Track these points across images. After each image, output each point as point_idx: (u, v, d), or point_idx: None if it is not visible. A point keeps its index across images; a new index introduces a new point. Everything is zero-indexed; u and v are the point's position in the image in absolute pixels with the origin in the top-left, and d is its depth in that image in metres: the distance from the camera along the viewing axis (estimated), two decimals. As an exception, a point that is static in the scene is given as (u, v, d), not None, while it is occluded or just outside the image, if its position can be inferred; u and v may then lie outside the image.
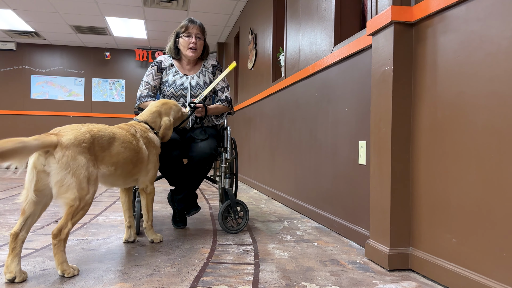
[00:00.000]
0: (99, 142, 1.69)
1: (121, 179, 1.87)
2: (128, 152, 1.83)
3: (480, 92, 1.40)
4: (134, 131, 1.94)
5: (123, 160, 1.81)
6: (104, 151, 1.72)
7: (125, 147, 1.82)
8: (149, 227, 2.11)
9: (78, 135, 1.60)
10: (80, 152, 1.58)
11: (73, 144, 1.56)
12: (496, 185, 1.32)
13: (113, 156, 1.76)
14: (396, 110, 1.75)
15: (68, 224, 1.54)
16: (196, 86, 2.45)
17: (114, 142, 1.77)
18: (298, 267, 1.74)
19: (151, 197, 2.08)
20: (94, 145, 1.66)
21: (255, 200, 3.77)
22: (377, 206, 1.85)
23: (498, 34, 1.33)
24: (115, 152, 1.77)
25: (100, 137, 1.70)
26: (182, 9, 5.71)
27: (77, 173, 1.55)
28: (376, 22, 1.84)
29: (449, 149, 1.53)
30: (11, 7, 5.73)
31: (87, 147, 1.61)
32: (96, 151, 1.67)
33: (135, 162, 1.88)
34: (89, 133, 1.65)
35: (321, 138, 2.75)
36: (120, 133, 1.83)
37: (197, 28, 2.44)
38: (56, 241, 1.53)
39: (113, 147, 1.76)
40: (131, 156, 1.85)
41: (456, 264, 1.49)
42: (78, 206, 1.56)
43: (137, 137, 1.93)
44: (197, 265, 1.74)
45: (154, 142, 2.05)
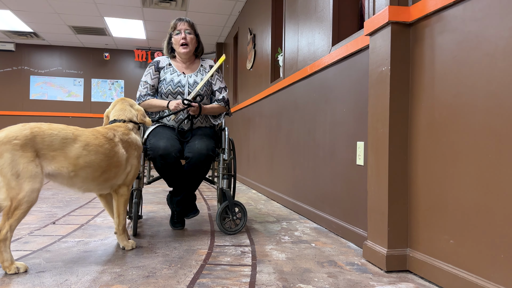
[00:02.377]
0: (44, 140, 1.64)
1: (91, 184, 1.81)
2: (93, 155, 1.76)
3: (477, 93, 1.39)
4: (112, 135, 1.89)
5: (85, 163, 1.74)
6: (55, 150, 1.67)
7: (90, 150, 1.76)
8: (120, 232, 1.99)
9: (11, 132, 1.58)
10: (9, 150, 1.55)
11: (1, 142, 1.55)
12: (493, 186, 1.32)
13: (69, 158, 1.70)
14: (393, 110, 1.74)
15: (5, 225, 1.54)
16: (193, 84, 2.46)
17: (73, 144, 1.72)
18: (295, 269, 1.73)
19: (123, 200, 1.97)
20: (36, 143, 1.62)
21: (254, 201, 3.77)
22: (375, 207, 1.84)
23: (495, 34, 1.32)
24: (73, 154, 1.71)
25: (48, 135, 1.65)
26: (181, 10, 5.71)
27: (3, 171, 1.53)
28: (374, 22, 1.83)
29: (447, 150, 1.53)
30: (9, 8, 5.73)
31: (20, 144, 1.57)
32: (40, 149, 1.63)
33: (105, 166, 1.81)
34: (29, 130, 1.62)
35: (319, 138, 2.74)
36: (86, 136, 1.78)
37: (185, 24, 2.47)
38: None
39: (71, 148, 1.71)
40: (98, 160, 1.78)
41: (454, 265, 1.48)
42: (10, 206, 1.54)
43: (115, 141, 1.88)
44: (194, 266, 1.74)
45: (136, 143, 2.00)
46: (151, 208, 3.27)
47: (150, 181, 2.56)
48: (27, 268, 1.64)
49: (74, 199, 3.68)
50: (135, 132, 2.04)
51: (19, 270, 1.61)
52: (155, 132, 2.36)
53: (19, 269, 1.61)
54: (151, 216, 2.91)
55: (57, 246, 2.03)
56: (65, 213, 2.96)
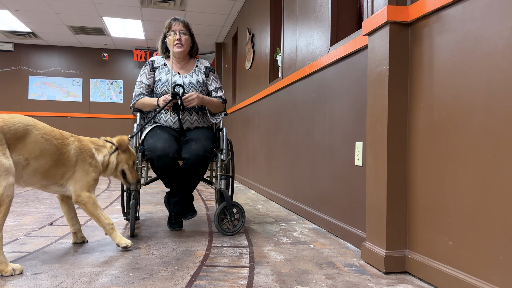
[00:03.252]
0: (10, 129, 1.63)
1: (38, 177, 1.77)
2: (48, 145, 1.76)
3: (476, 93, 1.38)
4: (69, 135, 1.91)
5: (40, 151, 1.72)
6: (18, 138, 1.66)
7: (46, 139, 1.75)
8: (109, 231, 1.95)
9: None
10: None
11: None
12: (492, 187, 1.31)
13: (28, 144, 1.69)
14: (392, 111, 1.73)
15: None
16: (189, 85, 2.45)
17: (34, 130, 1.72)
18: (293, 270, 1.72)
19: (90, 206, 1.89)
20: (4, 133, 1.61)
21: (252, 201, 3.75)
22: (373, 208, 1.83)
23: (494, 34, 1.31)
24: (32, 140, 1.70)
25: (13, 123, 1.65)
26: (180, 9, 5.69)
27: None
28: (372, 22, 1.82)
29: (446, 151, 1.51)
30: (8, 8, 5.71)
31: None
32: (8, 138, 1.62)
33: (55, 160, 1.79)
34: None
35: (318, 138, 2.73)
36: (44, 125, 1.79)
37: (180, 24, 2.46)
38: None
39: (31, 135, 1.70)
40: (51, 150, 1.77)
41: (453, 267, 1.47)
42: None
43: (69, 140, 1.88)
44: (191, 268, 1.72)
45: (94, 156, 1.98)
46: (149, 209, 3.26)
47: (148, 181, 2.55)
48: (23, 269, 1.63)
49: (72, 200, 3.67)
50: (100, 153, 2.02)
51: (15, 272, 1.59)
52: (152, 133, 2.34)
53: (15, 271, 1.60)
54: (149, 217, 2.90)
55: (54, 248, 2.02)
56: (62, 214, 2.94)
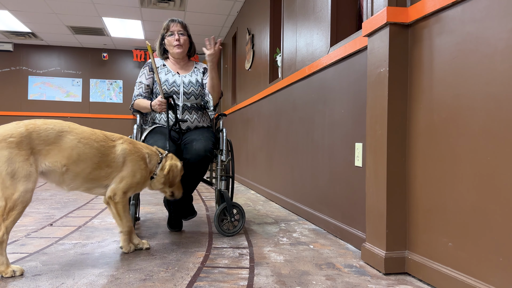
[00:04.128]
0: (40, 134, 1.62)
1: (81, 180, 1.76)
2: (86, 148, 1.73)
3: (476, 95, 1.38)
4: (117, 137, 1.88)
5: (77, 155, 1.70)
6: (50, 144, 1.64)
7: (84, 143, 1.72)
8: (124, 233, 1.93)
9: (6, 130, 1.56)
10: (4, 148, 1.53)
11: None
12: (492, 189, 1.31)
13: (64, 150, 1.67)
14: (392, 112, 1.73)
15: (1, 227, 1.53)
16: (188, 84, 2.46)
17: (68, 136, 1.69)
18: (293, 271, 1.72)
19: (121, 206, 1.87)
20: (32, 139, 1.60)
21: (252, 202, 3.75)
22: (373, 209, 1.83)
23: (494, 35, 1.31)
24: (68, 145, 1.68)
25: (44, 130, 1.63)
26: (179, 10, 5.69)
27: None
28: (372, 23, 1.82)
29: (446, 152, 1.52)
30: (7, 8, 5.71)
31: (15, 141, 1.55)
32: (37, 145, 1.61)
33: (97, 162, 1.77)
34: (24, 127, 1.60)
35: (318, 139, 2.73)
36: (82, 129, 1.77)
37: (178, 25, 2.47)
38: None
39: (66, 140, 1.68)
40: (90, 154, 1.74)
41: (453, 268, 1.47)
42: (5, 207, 1.52)
43: (116, 143, 1.85)
44: (191, 269, 1.73)
45: (146, 160, 1.95)
46: (149, 209, 3.26)
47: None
48: (23, 271, 1.63)
49: (72, 200, 3.67)
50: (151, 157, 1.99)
51: (15, 274, 1.59)
52: (152, 134, 2.35)
53: (15, 272, 1.60)
54: (148, 217, 2.90)
55: (54, 249, 2.02)
56: (62, 215, 2.95)
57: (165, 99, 2.24)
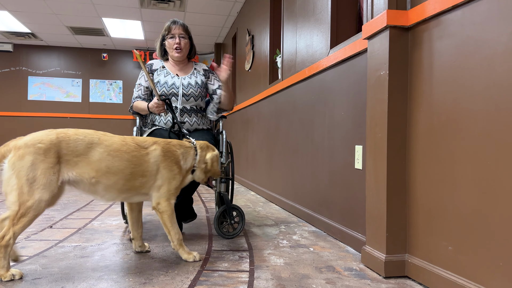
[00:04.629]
0: (69, 145, 1.60)
1: (115, 192, 1.72)
2: (116, 161, 1.68)
3: (476, 98, 1.38)
4: (150, 143, 1.80)
5: (106, 168, 1.66)
6: (79, 156, 1.62)
7: (113, 156, 1.68)
8: (177, 247, 1.87)
9: (37, 136, 1.57)
10: (31, 153, 1.52)
11: (26, 144, 1.53)
12: (492, 193, 1.31)
13: (92, 163, 1.64)
14: (392, 115, 1.73)
15: (9, 231, 1.52)
16: (188, 86, 2.46)
17: (97, 148, 1.66)
18: (293, 275, 1.72)
19: (167, 216, 1.82)
20: (61, 148, 1.59)
21: (252, 203, 3.75)
22: (373, 212, 1.83)
23: (494, 39, 1.31)
24: (96, 158, 1.65)
25: (74, 141, 1.62)
26: (179, 10, 5.69)
27: (20, 174, 1.50)
28: (372, 26, 1.82)
29: (446, 155, 1.51)
30: (7, 9, 5.70)
31: (43, 148, 1.54)
32: (64, 155, 1.60)
33: (130, 174, 1.72)
34: (55, 135, 1.60)
35: (318, 141, 2.73)
36: (112, 140, 1.71)
37: (179, 28, 2.45)
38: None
39: (94, 153, 1.65)
40: (121, 166, 1.69)
41: (453, 272, 1.47)
42: (17, 212, 1.51)
43: (148, 150, 1.78)
44: (191, 272, 1.72)
45: (177, 158, 1.87)
46: (149, 211, 3.25)
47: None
48: (23, 274, 1.63)
49: (72, 202, 3.67)
50: (185, 156, 1.92)
51: (15, 277, 1.59)
52: (152, 136, 2.34)
53: (15, 276, 1.59)
54: (148, 219, 2.90)
55: (53, 251, 2.02)
56: (62, 216, 2.94)
57: (161, 100, 2.23)
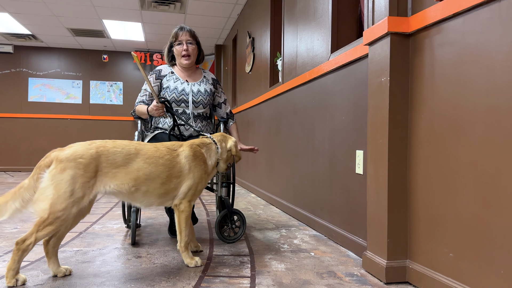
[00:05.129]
0: (108, 158, 1.66)
1: (153, 197, 1.79)
2: (152, 167, 1.75)
3: (477, 106, 1.38)
4: (178, 145, 1.88)
5: (145, 176, 1.73)
6: (117, 167, 1.68)
7: (149, 163, 1.75)
8: (183, 249, 1.90)
9: (78, 150, 1.61)
10: (72, 167, 1.57)
11: (67, 158, 1.58)
12: (493, 200, 1.31)
13: (131, 173, 1.71)
14: (392, 121, 1.74)
15: (32, 237, 1.54)
16: (197, 93, 2.46)
17: (136, 158, 1.73)
18: (294, 280, 1.73)
19: (184, 216, 1.87)
20: (100, 162, 1.64)
21: (253, 206, 3.76)
22: (374, 218, 1.83)
23: (495, 48, 1.31)
24: (135, 168, 1.72)
25: (113, 154, 1.68)
26: (180, 12, 5.69)
27: (59, 186, 1.54)
28: (373, 32, 1.83)
29: (447, 162, 1.52)
30: (8, 11, 5.70)
31: (84, 163, 1.60)
32: (103, 168, 1.65)
33: (165, 177, 1.79)
34: (96, 149, 1.64)
35: (318, 145, 2.74)
36: (147, 149, 1.79)
37: (186, 34, 2.45)
38: (16, 248, 1.54)
39: (133, 163, 1.72)
40: (157, 172, 1.76)
41: (453, 278, 1.47)
42: (45, 219, 1.54)
43: (178, 151, 1.85)
44: (193, 278, 1.73)
45: (203, 158, 1.93)
46: (150, 214, 3.26)
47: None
48: (26, 280, 1.63)
49: (72, 205, 3.67)
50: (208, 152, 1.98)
51: (17, 283, 1.59)
52: (153, 140, 2.35)
53: (18, 281, 1.60)
54: (149, 223, 2.90)
55: (55, 256, 2.02)
56: (63, 220, 2.95)
57: (161, 103, 2.24)
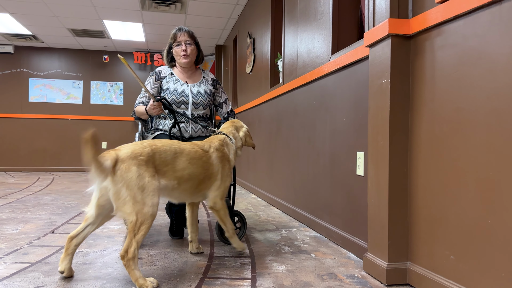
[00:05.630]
0: (161, 156, 1.72)
1: (187, 194, 1.88)
2: (194, 168, 1.83)
3: (478, 109, 1.38)
4: (208, 146, 1.96)
5: (188, 175, 1.81)
6: (167, 165, 1.74)
7: (192, 163, 1.83)
8: (230, 235, 2.08)
9: (136, 149, 1.65)
10: (136, 164, 1.61)
11: (129, 157, 1.61)
12: (495, 202, 1.31)
13: (177, 171, 1.77)
14: (393, 123, 1.74)
15: (133, 243, 1.56)
16: (197, 94, 2.46)
17: (181, 157, 1.79)
18: (295, 282, 1.73)
19: (223, 213, 2.01)
20: (155, 159, 1.69)
21: (253, 207, 3.76)
22: (375, 220, 1.83)
23: (496, 50, 1.31)
24: (180, 167, 1.78)
25: (163, 152, 1.73)
26: (180, 13, 5.69)
27: (130, 185, 1.57)
28: (374, 34, 1.82)
29: (448, 165, 1.52)
30: (8, 11, 5.71)
31: (144, 159, 1.64)
32: (158, 165, 1.70)
33: (202, 178, 1.88)
34: (150, 147, 1.69)
35: (319, 146, 2.74)
36: (190, 149, 1.85)
37: (185, 34, 2.46)
38: (125, 261, 1.55)
39: (178, 162, 1.78)
40: (197, 172, 1.85)
41: (454, 281, 1.47)
42: (136, 221, 1.56)
43: (209, 153, 1.94)
44: (193, 280, 1.73)
45: (229, 157, 2.05)
46: (151, 215, 3.25)
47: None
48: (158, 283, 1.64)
49: (73, 205, 3.67)
50: (228, 146, 2.08)
51: (154, 285, 1.59)
52: (154, 142, 2.35)
53: (153, 283, 1.59)
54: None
55: (56, 258, 2.02)
56: (64, 221, 2.95)
57: (157, 101, 2.23)
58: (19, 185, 5.29)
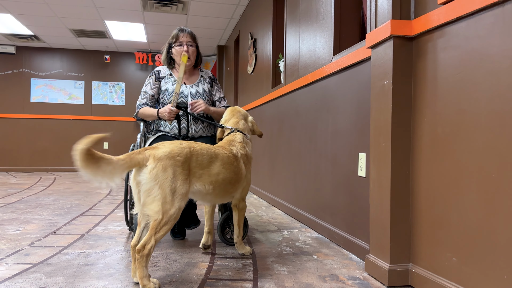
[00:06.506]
0: (198, 159, 1.73)
1: (218, 198, 1.90)
2: (228, 173, 1.86)
3: (480, 111, 1.38)
4: (236, 151, 1.98)
5: (222, 180, 1.83)
6: (203, 169, 1.75)
7: (226, 168, 1.85)
8: (240, 241, 2.13)
9: (174, 149, 1.65)
10: (172, 165, 1.61)
11: (167, 156, 1.61)
12: (496, 206, 1.31)
13: (212, 176, 1.79)
14: (395, 124, 1.73)
15: (151, 239, 1.57)
16: (196, 94, 2.46)
17: (216, 162, 1.81)
18: (297, 284, 1.72)
19: (243, 213, 2.09)
20: (192, 161, 1.70)
21: (255, 207, 3.76)
22: (377, 221, 1.83)
23: (499, 53, 1.31)
24: (215, 172, 1.80)
25: (201, 155, 1.74)
26: (182, 13, 5.69)
27: (164, 185, 1.58)
28: (375, 36, 1.82)
29: (450, 167, 1.52)
30: (10, 12, 5.72)
31: (181, 161, 1.64)
32: (193, 167, 1.71)
33: (233, 182, 1.91)
34: (188, 148, 1.70)
35: (320, 147, 2.74)
36: (223, 154, 1.87)
37: (187, 36, 2.45)
38: (139, 256, 1.56)
39: (213, 166, 1.79)
40: (230, 177, 1.87)
41: (456, 283, 1.47)
42: (161, 220, 1.57)
43: (238, 157, 1.97)
44: (195, 282, 1.73)
45: (251, 156, 2.10)
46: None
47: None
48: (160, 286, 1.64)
49: (75, 206, 3.68)
50: (246, 144, 2.12)
51: (156, 287, 1.59)
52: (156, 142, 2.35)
53: (155, 285, 1.59)
54: (152, 224, 2.90)
55: (58, 259, 2.02)
56: (66, 222, 2.95)
57: (177, 109, 2.26)
58: (21, 185, 5.30)
